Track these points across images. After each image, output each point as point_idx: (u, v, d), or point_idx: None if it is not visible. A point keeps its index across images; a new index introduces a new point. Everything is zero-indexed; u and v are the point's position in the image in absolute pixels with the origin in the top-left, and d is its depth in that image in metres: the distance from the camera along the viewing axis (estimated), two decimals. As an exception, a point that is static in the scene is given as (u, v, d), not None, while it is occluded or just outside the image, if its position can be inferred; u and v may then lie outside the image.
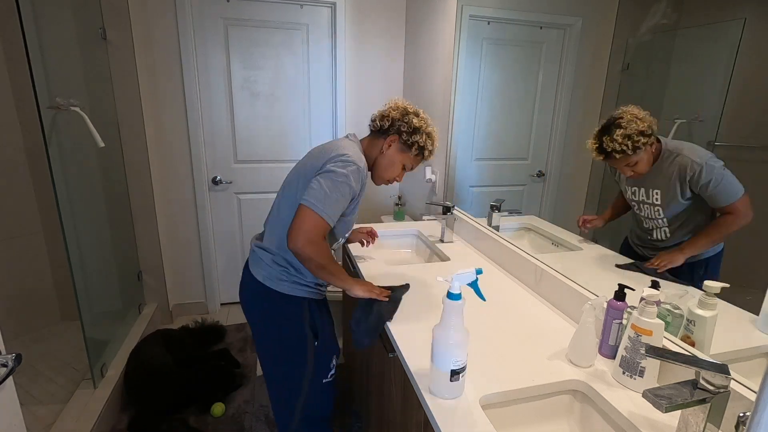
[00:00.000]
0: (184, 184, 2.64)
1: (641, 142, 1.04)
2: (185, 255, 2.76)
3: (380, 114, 1.33)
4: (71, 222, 1.84)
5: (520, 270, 1.53)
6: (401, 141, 1.31)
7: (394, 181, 1.38)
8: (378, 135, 1.34)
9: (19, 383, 1.98)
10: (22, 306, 2.48)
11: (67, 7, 1.94)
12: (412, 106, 1.35)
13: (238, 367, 2.30)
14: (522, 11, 1.58)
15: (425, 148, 1.32)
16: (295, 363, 1.31)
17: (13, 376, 0.84)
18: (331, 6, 2.60)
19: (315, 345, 1.32)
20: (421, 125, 1.30)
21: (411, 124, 1.29)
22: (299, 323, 1.29)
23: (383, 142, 1.32)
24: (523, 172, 1.60)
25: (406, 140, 1.30)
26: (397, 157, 1.33)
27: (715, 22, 0.89)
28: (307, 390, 1.34)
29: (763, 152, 0.81)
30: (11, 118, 2.32)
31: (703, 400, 0.71)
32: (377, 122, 1.33)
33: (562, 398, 1.00)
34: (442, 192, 2.23)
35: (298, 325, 1.29)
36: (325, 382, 1.39)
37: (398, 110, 1.32)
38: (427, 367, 0.99)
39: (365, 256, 1.73)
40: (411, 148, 1.32)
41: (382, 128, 1.32)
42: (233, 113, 2.64)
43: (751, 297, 0.84)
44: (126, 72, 2.30)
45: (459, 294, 0.86)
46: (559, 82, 1.38)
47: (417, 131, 1.30)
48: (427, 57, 2.37)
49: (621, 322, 1.02)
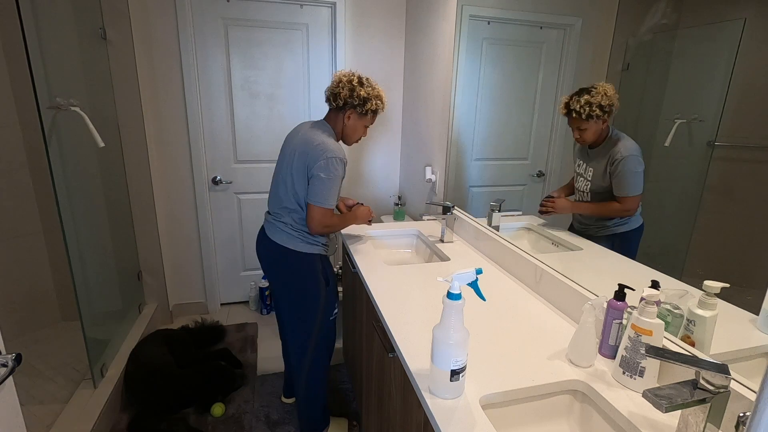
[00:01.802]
0: (184, 184, 2.64)
1: (596, 113, 1.20)
2: (185, 255, 2.76)
3: (332, 93, 1.58)
4: (71, 222, 1.84)
5: (520, 270, 1.53)
6: (357, 112, 1.59)
7: (360, 139, 1.69)
8: (337, 111, 1.61)
9: (19, 383, 1.98)
10: (22, 306, 2.48)
11: (67, 7, 1.94)
12: (356, 75, 1.59)
13: (239, 367, 2.30)
14: (522, 11, 1.58)
15: (378, 109, 1.61)
16: (311, 307, 1.63)
17: (13, 376, 0.84)
18: (331, 6, 2.60)
19: (326, 289, 1.64)
20: (368, 93, 1.56)
21: (360, 96, 1.55)
22: (316, 274, 1.62)
23: (343, 116, 1.60)
24: (523, 172, 1.60)
25: (360, 111, 1.58)
26: (358, 124, 1.62)
27: (715, 22, 0.89)
28: (318, 327, 1.65)
29: (763, 152, 0.81)
30: (11, 118, 2.32)
31: (703, 400, 0.71)
32: (332, 102, 1.59)
33: (562, 398, 1.00)
34: (442, 192, 2.23)
35: (315, 275, 1.61)
36: (331, 319, 1.70)
37: (346, 87, 1.55)
38: (427, 367, 0.99)
39: (365, 256, 1.73)
40: (366, 115, 1.61)
41: (338, 106, 1.58)
42: (233, 113, 2.65)
43: (751, 297, 0.84)
44: (126, 72, 2.30)
45: (459, 294, 0.86)
46: (559, 82, 1.38)
47: (367, 100, 1.56)
48: (427, 57, 2.37)
49: (621, 322, 1.02)
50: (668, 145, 1.01)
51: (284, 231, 1.58)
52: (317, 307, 1.63)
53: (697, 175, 0.95)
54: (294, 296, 1.63)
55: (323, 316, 1.65)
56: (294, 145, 1.58)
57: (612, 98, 1.16)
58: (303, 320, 1.64)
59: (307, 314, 1.64)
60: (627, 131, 1.13)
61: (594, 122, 1.21)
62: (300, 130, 1.62)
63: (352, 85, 1.55)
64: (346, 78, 1.57)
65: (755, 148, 0.83)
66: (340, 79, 1.57)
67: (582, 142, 1.28)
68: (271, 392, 2.14)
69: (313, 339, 1.66)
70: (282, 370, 2.31)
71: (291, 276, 1.61)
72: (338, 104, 1.57)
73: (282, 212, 1.60)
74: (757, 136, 0.82)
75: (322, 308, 1.64)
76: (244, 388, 2.16)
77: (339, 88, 1.56)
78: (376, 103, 1.58)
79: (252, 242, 2.91)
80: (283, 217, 1.59)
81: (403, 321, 1.22)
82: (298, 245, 1.58)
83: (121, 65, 2.28)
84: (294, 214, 1.58)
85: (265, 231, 1.64)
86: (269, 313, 2.93)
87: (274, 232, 1.60)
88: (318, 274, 1.62)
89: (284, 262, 1.60)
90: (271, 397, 2.11)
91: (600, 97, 1.18)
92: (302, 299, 1.62)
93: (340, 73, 1.59)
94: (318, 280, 1.62)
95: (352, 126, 1.61)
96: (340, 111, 1.59)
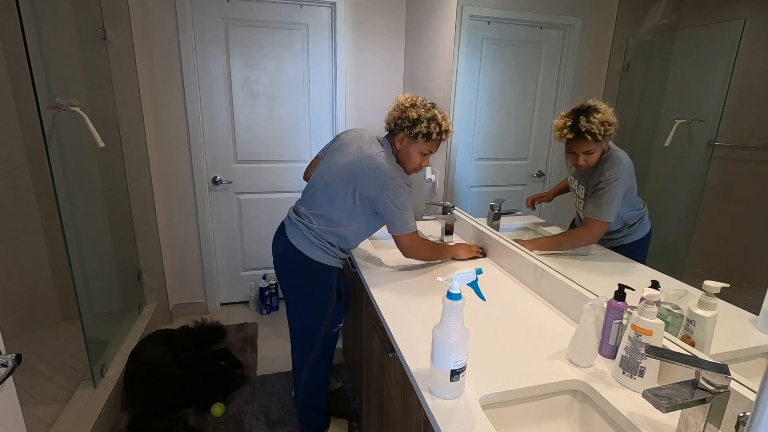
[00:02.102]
0: (184, 184, 2.64)
1: (609, 132, 1.11)
2: (185, 255, 2.76)
3: (387, 117, 1.54)
4: (71, 222, 1.84)
5: (520, 270, 1.52)
6: (407, 135, 1.48)
7: (420, 167, 1.55)
8: (391, 135, 1.55)
9: (19, 383, 1.98)
10: (22, 306, 2.48)
11: (67, 7, 1.94)
12: (411, 98, 1.50)
13: (239, 367, 2.30)
14: (522, 11, 1.58)
15: (431, 132, 1.45)
16: (317, 317, 1.62)
17: (13, 376, 0.84)
18: (331, 6, 2.60)
19: (337, 303, 1.63)
20: (419, 115, 1.45)
21: (410, 118, 1.45)
22: (330, 286, 1.59)
23: (395, 141, 1.52)
24: (523, 172, 1.60)
25: (409, 134, 1.47)
26: (411, 149, 1.50)
27: (715, 22, 0.89)
28: (322, 336, 1.65)
29: (763, 152, 0.81)
30: (11, 118, 2.32)
31: (703, 400, 0.71)
32: (387, 126, 1.55)
33: (562, 398, 1.00)
34: (442, 192, 2.23)
35: (329, 287, 1.59)
36: (335, 330, 1.70)
37: (398, 109, 1.49)
38: (427, 367, 0.99)
39: (366, 256, 1.73)
40: (417, 138, 1.47)
41: (391, 130, 1.53)
42: (233, 113, 2.64)
43: (751, 297, 0.84)
44: (126, 72, 2.30)
45: (459, 294, 0.86)
46: (559, 82, 1.38)
47: (417, 122, 1.45)
48: (427, 57, 2.37)
49: (621, 322, 1.02)
50: (668, 145, 1.01)
51: (307, 237, 1.52)
52: (324, 317, 1.62)
53: (697, 175, 0.95)
54: (304, 303, 1.61)
55: (328, 326, 1.65)
56: (355, 164, 1.47)
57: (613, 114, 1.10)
58: (308, 326, 1.64)
59: (313, 322, 1.63)
60: (627, 131, 1.13)
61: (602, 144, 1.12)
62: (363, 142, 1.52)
63: (404, 106, 1.48)
64: (401, 99, 1.51)
65: (755, 148, 0.83)
66: (397, 102, 1.52)
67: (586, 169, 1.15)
68: (271, 392, 2.14)
69: (317, 345, 1.66)
70: (282, 370, 2.31)
71: (304, 283, 1.58)
72: (390, 127, 1.52)
73: (314, 218, 1.52)
74: (757, 136, 0.82)
75: (328, 320, 1.63)
76: (244, 388, 2.16)
77: (393, 110, 1.51)
78: (430, 126, 1.43)
79: (252, 242, 2.91)
80: (313, 223, 1.52)
81: (403, 321, 1.22)
82: (318, 255, 1.53)
83: (121, 65, 2.28)
84: (328, 225, 1.51)
85: (286, 231, 1.59)
86: (269, 313, 2.93)
87: (297, 236, 1.54)
88: (332, 287, 1.59)
89: (300, 269, 1.55)
90: (271, 397, 2.11)
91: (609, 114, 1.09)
92: (311, 307, 1.61)
93: (399, 95, 1.54)
94: (331, 292, 1.59)
95: (405, 151, 1.50)
96: (393, 135, 1.53)
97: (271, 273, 2.98)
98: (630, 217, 1.12)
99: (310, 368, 1.69)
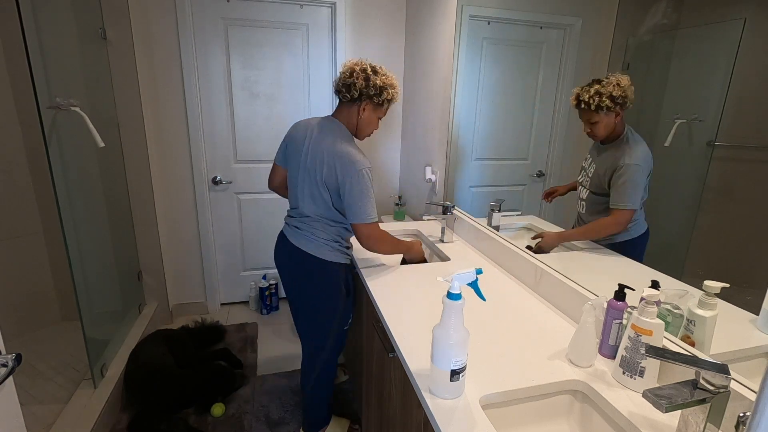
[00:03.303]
0: (184, 184, 2.64)
1: (605, 104, 1.12)
2: (185, 255, 2.76)
3: (344, 85, 1.47)
4: (71, 222, 1.84)
5: (520, 270, 1.52)
6: (373, 103, 1.49)
7: (372, 132, 1.59)
8: (350, 104, 1.50)
9: (19, 383, 1.98)
10: (22, 306, 2.48)
11: (67, 7, 1.94)
12: (368, 64, 1.48)
13: (239, 367, 2.30)
14: (522, 11, 1.58)
15: (393, 99, 1.50)
16: (328, 315, 1.60)
17: (13, 376, 0.84)
18: (331, 6, 2.60)
19: (346, 299, 1.62)
20: (384, 82, 1.46)
21: (376, 86, 1.45)
22: (338, 283, 1.58)
23: (358, 108, 1.49)
24: (523, 172, 1.60)
25: (376, 101, 1.48)
26: (373, 116, 1.52)
27: (715, 22, 0.89)
28: (334, 333, 1.64)
29: (763, 152, 0.81)
30: (11, 118, 2.32)
31: (703, 400, 0.71)
32: (345, 93, 1.47)
33: (562, 398, 1.00)
34: (442, 192, 2.23)
35: (338, 285, 1.57)
36: (345, 329, 1.70)
37: (360, 77, 1.44)
38: (427, 367, 0.99)
39: (366, 256, 1.73)
40: (383, 105, 1.51)
41: (353, 98, 1.47)
42: (233, 113, 2.64)
43: (751, 297, 0.84)
44: (126, 72, 2.30)
45: (459, 294, 0.86)
46: (559, 82, 1.38)
47: (383, 89, 1.46)
48: (427, 57, 2.37)
49: (621, 322, 1.02)
50: (668, 145, 1.01)
51: (312, 239, 1.52)
52: (335, 315, 1.61)
53: (697, 175, 0.95)
54: (314, 302, 1.59)
55: (338, 324, 1.64)
56: (315, 152, 1.47)
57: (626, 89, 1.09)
58: (320, 326, 1.62)
59: (324, 321, 1.61)
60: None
61: (605, 115, 1.13)
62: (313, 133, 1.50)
63: (366, 74, 1.44)
64: (358, 67, 1.45)
65: (755, 148, 0.83)
66: (353, 69, 1.45)
67: (593, 137, 1.20)
68: (271, 392, 2.14)
69: (328, 344, 1.65)
70: (282, 370, 2.31)
71: (316, 284, 1.56)
72: (353, 96, 1.45)
73: (312, 220, 1.53)
74: (757, 136, 0.82)
75: (339, 317, 1.62)
76: (244, 388, 2.16)
77: (353, 78, 1.44)
78: (392, 92, 1.47)
79: (252, 242, 2.91)
80: (313, 224, 1.52)
81: (403, 321, 1.22)
82: (325, 253, 1.52)
83: (121, 65, 2.28)
84: (327, 222, 1.52)
85: (288, 238, 1.56)
86: (269, 313, 2.93)
87: (301, 240, 1.53)
88: (341, 284, 1.58)
89: (311, 271, 1.54)
90: (271, 397, 2.11)
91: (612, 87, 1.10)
92: (323, 308, 1.59)
93: (351, 62, 1.48)
94: (340, 288, 1.58)
95: (367, 118, 1.50)
96: (354, 103, 1.48)
97: (271, 273, 2.98)
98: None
99: (321, 366, 1.69)
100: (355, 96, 1.46)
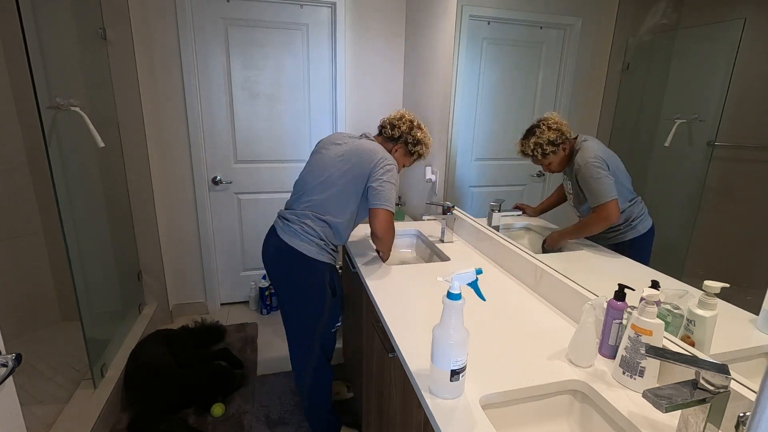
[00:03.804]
0: (184, 184, 2.64)
1: (549, 150, 1.24)
2: (185, 255, 2.76)
3: (390, 124, 1.66)
4: (71, 222, 1.84)
5: (520, 270, 1.52)
6: (406, 149, 1.68)
7: None
8: (387, 140, 1.67)
9: (19, 383, 1.98)
10: (22, 306, 2.48)
11: (67, 7, 1.94)
12: (416, 118, 1.69)
13: (239, 367, 2.30)
14: (522, 11, 1.58)
15: (422, 156, 1.71)
16: (314, 315, 1.62)
17: (13, 376, 0.84)
18: (331, 6, 2.60)
19: (332, 300, 1.65)
20: (422, 138, 1.66)
21: (416, 137, 1.65)
22: (323, 283, 1.60)
23: (392, 147, 1.66)
24: (523, 172, 1.60)
25: (410, 149, 1.67)
26: (401, 160, 1.68)
27: (715, 22, 0.89)
28: (319, 335, 1.65)
29: (763, 152, 0.81)
30: (11, 118, 2.32)
31: (703, 400, 0.71)
32: (388, 130, 1.65)
33: (562, 398, 1.00)
34: (442, 192, 2.23)
35: (322, 284, 1.60)
36: (333, 331, 1.72)
37: (406, 123, 1.65)
38: (427, 367, 0.99)
39: (365, 256, 1.73)
40: (412, 156, 1.70)
41: (393, 137, 1.65)
42: (233, 113, 2.65)
43: (751, 297, 0.84)
44: (126, 72, 2.30)
45: (459, 294, 0.86)
46: (559, 82, 1.38)
47: (419, 143, 1.66)
48: (427, 57, 2.37)
49: (621, 322, 1.02)
50: (668, 145, 1.01)
51: (300, 235, 1.54)
52: (321, 316, 1.62)
53: (697, 175, 0.95)
54: (299, 302, 1.60)
55: (325, 326, 1.65)
56: (347, 155, 1.55)
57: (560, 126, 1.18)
58: (306, 326, 1.63)
59: (310, 321, 1.62)
60: (627, 131, 1.13)
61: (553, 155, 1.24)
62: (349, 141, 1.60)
63: (412, 124, 1.65)
64: (408, 116, 1.67)
65: (755, 148, 0.83)
66: (403, 115, 1.67)
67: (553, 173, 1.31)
68: (271, 392, 2.14)
69: (315, 346, 1.65)
70: (282, 370, 2.31)
71: (298, 281, 1.58)
72: (393, 135, 1.64)
73: (307, 215, 1.55)
74: (757, 136, 0.82)
75: (325, 318, 1.63)
76: (244, 388, 2.16)
77: (400, 121, 1.64)
78: (424, 150, 1.68)
79: (252, 242, 2.91)
80: (306, 219, 1.55)
81: (403, 321, 1.22)
82: (312, 251, 1.55)
83: (121, 65, 2.28)
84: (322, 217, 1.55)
85: (277, 232, 1.59)
86: (269, 313, 2.93)
87: (289, 235, 1.55)
88: (326, 284, 1.60)
89: (294, 266, 1.56)
90: (271, 397, 2.11)
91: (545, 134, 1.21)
92: (307, 306, 1.61)
93: (404, 110, 1.70)
94: (324, 289, 1.60)
95: (396, 159, 1.61)
96: (390, 141, 1.66)
97: (271, 273, 2.98)
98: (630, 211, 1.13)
99: (312, 372, 1.69)
100: (395, 135, 1.64)
